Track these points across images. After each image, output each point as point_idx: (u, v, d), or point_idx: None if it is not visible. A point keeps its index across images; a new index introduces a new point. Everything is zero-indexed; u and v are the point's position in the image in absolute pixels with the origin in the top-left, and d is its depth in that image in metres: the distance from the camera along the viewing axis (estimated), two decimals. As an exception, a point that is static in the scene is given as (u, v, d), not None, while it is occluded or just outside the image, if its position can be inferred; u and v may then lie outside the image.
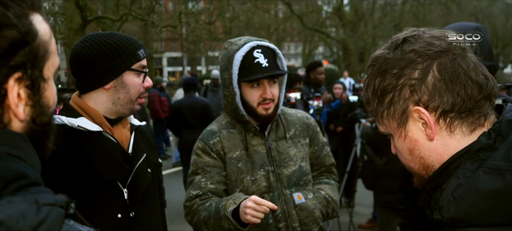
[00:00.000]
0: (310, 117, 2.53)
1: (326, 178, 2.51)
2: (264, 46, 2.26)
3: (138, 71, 1.81)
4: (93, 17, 14.16)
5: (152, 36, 27.14)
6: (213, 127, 2.39)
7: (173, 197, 7.48)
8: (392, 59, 1.02)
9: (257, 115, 2.28)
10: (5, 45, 0.71)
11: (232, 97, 2.26)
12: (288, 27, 32.23)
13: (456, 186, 0.93)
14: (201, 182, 2.27)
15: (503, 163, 0.89)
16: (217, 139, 2.32)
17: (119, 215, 1.76)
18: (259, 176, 2.29)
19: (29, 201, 0.65)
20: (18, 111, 0.75)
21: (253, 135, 2.34)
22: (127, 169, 1.81)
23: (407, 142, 1.06)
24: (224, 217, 2.07)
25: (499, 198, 0.87)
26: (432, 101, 0.99)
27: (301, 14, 25.02)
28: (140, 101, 1.85)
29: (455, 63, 0.97)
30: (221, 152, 2.30)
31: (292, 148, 2.37)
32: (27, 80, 0.75)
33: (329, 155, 2.54)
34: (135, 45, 1.81)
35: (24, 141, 0.76)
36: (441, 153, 1.02)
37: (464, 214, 0.90)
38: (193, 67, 35.84)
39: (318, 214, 2.35)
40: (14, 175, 0.69)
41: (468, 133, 1.00)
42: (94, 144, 1.74)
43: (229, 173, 2.29)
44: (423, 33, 1.04)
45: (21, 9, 0.74)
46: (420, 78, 0.99)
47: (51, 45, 0.81)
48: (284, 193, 2.31)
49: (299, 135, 2.42)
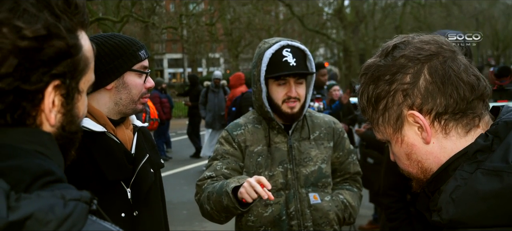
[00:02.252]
0: (338, 122, 2.55)
1: (349, 185, 2.53)
2: (294, 46, 2.31)
3: (140, 72, 1.83)
4: (94, 19, 14.18)
5: (153, 37, 27.13)
6: (240, 120, 2.46)
7: (173, 199, 7.48)
8: (383, 66, 1.04)
9: (282, 113, 2.33)
10: (51, 53, 0.75)
11: (259, 93, 2.32)
12: (288, 29, 32.22)
13: (455, 187, 0.94)
14: (217, 165, 2.33)
15: (501, 164, 0.90)
16: (241, 131, 2.39)
17: (123, 214, 1.79)
18: (277, 172, 2.33)
19: (56, 195, 0.69)
20: (50, 116, 0.79)
21: (277, 132, 2.38)
22: (130, 169, 1.83)
23: (404, 147, 1.07)
24: (225, 193, 2.08)
25: (497, 199, 0.88)
26: (425, 104, 1.00)
27: (301, 15, 25.02)
28: (142, 101, 1.87)
29: (446, 65, 0.99)
30: (242, 144, 2.36)
31: (314, 149, 2.39)
32: (63, 89, 0.80)
33: (355, 163, 2.55)
34: (137, 46, 1.84)
35: (51, 140, 0.80)
36: (438, 155, 1.03)
37: (463, 216, 0.91)
38: (193, 68, 35.85)
39: (332, 217, 2.36)
40: (42, 171, 0.73)
41: (464, 134, 1.01)
42: (98, 144, 1.77)
43: (248, 165, 2.34)
44: (412, 38, 1.06)
45: (71, 23, 0.79)
46: (412, 82, 1.00)
47: (91, 62, 0.87)
48: (299, 192, 2.33)
49: (323, 137, 2.44)
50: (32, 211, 0.65)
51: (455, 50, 1.03)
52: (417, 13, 29.05)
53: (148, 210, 1.89)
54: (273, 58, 2.27)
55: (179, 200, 7.62)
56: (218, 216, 2.21)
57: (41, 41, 0.74)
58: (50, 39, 0.75)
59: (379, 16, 30.05)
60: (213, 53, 36.43)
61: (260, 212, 2.34)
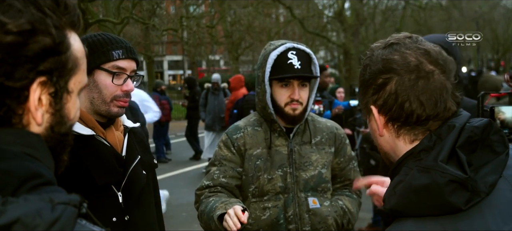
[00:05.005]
0: (340, 128, 2.55)
1: (349, 192, 2.51)
2: (300, 49, 2.32)
3: (109, 72, 1.76)
4: (94, 20, 14.17)
5: (153, 39, 27.15)
6: (240, 123, 2.47)
7: (172, 200, 7.46)
8: (375, 58, 1.17)
9: (284, 115, 2.32)
10: (37, 49, 0.74)
11: (263, 94, 2.32)
12: (289, 31, 32.20)
13: (398, 182, 1.07)
14: (215, 174, 2.34)
15: (432, 163, 1.03)
16: (240, 135, 2.38)
17: (114, 218, 1.75)
18: (276, 176, 2.32)
19: (44, 199, 0.67)
20: (36, 114, 0.78)
21: (278, 135, 2.38)
22: (121, 172, 1.80)
23: (371, 130, 1.26)
24: (212, 219, 2.12)
25: (426, 192, 1.00)
26: (383, 107, 1.15)
27: (302, 18, 25.02)
28: (117, 104, 1.79)
29: (412, 83, 1.11)
30: (241, 148, 2.36)
31: (314, 154, 2.39)
32: (51, 87, 0.78)
33: (356, 169, 2.54)
34: (112, 45, 1.78)
35: (40, 142, 0.79)
36: (394, 148, 1.19)
37: (400, 206, 1.04)
38: (193, 70, 35.84)
39: (331, 222, 2.35)
40: (30, 174, 0.72)
41: (409, 141, 1.15)
42: (87, 148, 1.72)
43: (247, 168, 2.34)
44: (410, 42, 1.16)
45: (59, 21, 0.78)
46: (381, 85, 1.14)
47: (82, 63, 0.85)
48: (298, 196, 2.33)
49: (324, 142, 2.43)
50: (18, 215, 0.63)
51: (434, 70, 1.11)
52: (417, 16, 29.07)
53: (140, 213, 1.86)
54: (278, 60, 2.27)
55: (178, 202, 7.61)
56: None
57: (25, 36, 0.73)
58: (35, 35, 0.74)
59: (379, 19, 30.06)
60: (213, 55, 36.44)
61: (258, 215, 2.33)
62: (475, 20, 30.09)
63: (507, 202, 1.04)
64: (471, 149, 1.05)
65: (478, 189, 1.00)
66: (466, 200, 0.99)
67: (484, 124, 1.08)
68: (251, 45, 28.99)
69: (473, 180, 1.00)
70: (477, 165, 1.03)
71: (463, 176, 0.99)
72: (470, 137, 1.05)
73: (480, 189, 1.00)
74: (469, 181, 0.99)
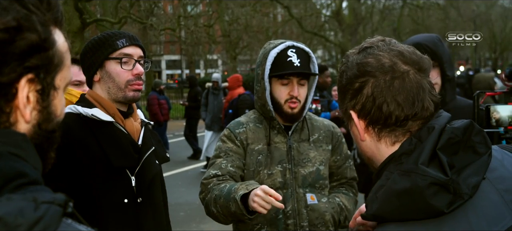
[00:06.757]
0: (336, 127, 2.59)
1: (345, 190, 2.56)
2: (299, 48, 2.36)
3: (117, 59, 1.91)
4: (92, 20, 14.15)
5: (151, 39, 27.16)
6: (241, 119, 2.50)
7: (171, 200, 7.41)
8: (350, 64, 1.17)
9: (283, 112, 2.36)
10: (24, 46, 0.75)
11: (262, 92, 2.36)
12: (287, 31, 32.21)
13: (379, 186, 1.05)
14: (222, 163, 2.35)
15: (412, 166, 1.01)
16: (243, 129, 2.42)
17: (126, 200, 1.89)
18: (276, 171, 2.36)
19: (27, 198, 0.67)
20: (25, 112, 0.77)
21: (277, 132, 2.42)
22: (136, 158, 1.94)
23: (353, 136, 1.24)
24: (233, 200, 2.08)
25: (407, 196, 0.99)
26: (362, 110, 1.14)
27: (300, 17, 25.04)
28: (132, 88, 1.94)
29: (388, 84, 1.10)
30: (244, 142, 2.39)
31: (312, 151, 2.43)
32: (38, 84, 0.78)
33: (352, 168, 2.58)
34: (116, 36, 1.94)
35: (25, 141, 0.78)
36: (376, 153, 1.17)
37: (382, 211, 1.02)
38: (191, 70, 35.86)
39: (328, 218, 2.39)
40: (14, 173, 0.71)
41: (391, 144, 1.14)
42: (106, 132, 1.89)
43: (248, 163, 2.38)
44: (383, 45, 1.16)
45: (44, 18, 0.78)
46: (358, 89, 1.14)
47: (67, 59, 0.85)
48: (297, 191, 2.36)
49: (322, 140, 2.48)
50: (0, 215, 0.63)
51: (409, 70, 1.11)
52: (415, 15, 29.14)
53: (151, 199, 1.99)
54: (278, 58, 2.31)
55: (176, 202, 7.61)
56: (225, 220, 2.24)
57: (12, 34, 0.73)
58: (22, 32, 0.74)
59: (377, 18, 30.12)
60: (211, 55, 36.43)
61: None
62: (472, 19, 30.14)
63: (491, 204, 1.02)
64: (453, 150, 1.04)
65: (461, 191, 0.98)
66: (449, 202, 0.98)
67: (465, 125, 1.07)
68: (249, 44, 29.01)
69: (455, 182, 0.98)
70: (459, 166, 1.02)
71: (444, 178, 0.97)
72: (451, 138, 1.04)
73: (462, 191, 0.99)
74: (450, 182, 0.98)
